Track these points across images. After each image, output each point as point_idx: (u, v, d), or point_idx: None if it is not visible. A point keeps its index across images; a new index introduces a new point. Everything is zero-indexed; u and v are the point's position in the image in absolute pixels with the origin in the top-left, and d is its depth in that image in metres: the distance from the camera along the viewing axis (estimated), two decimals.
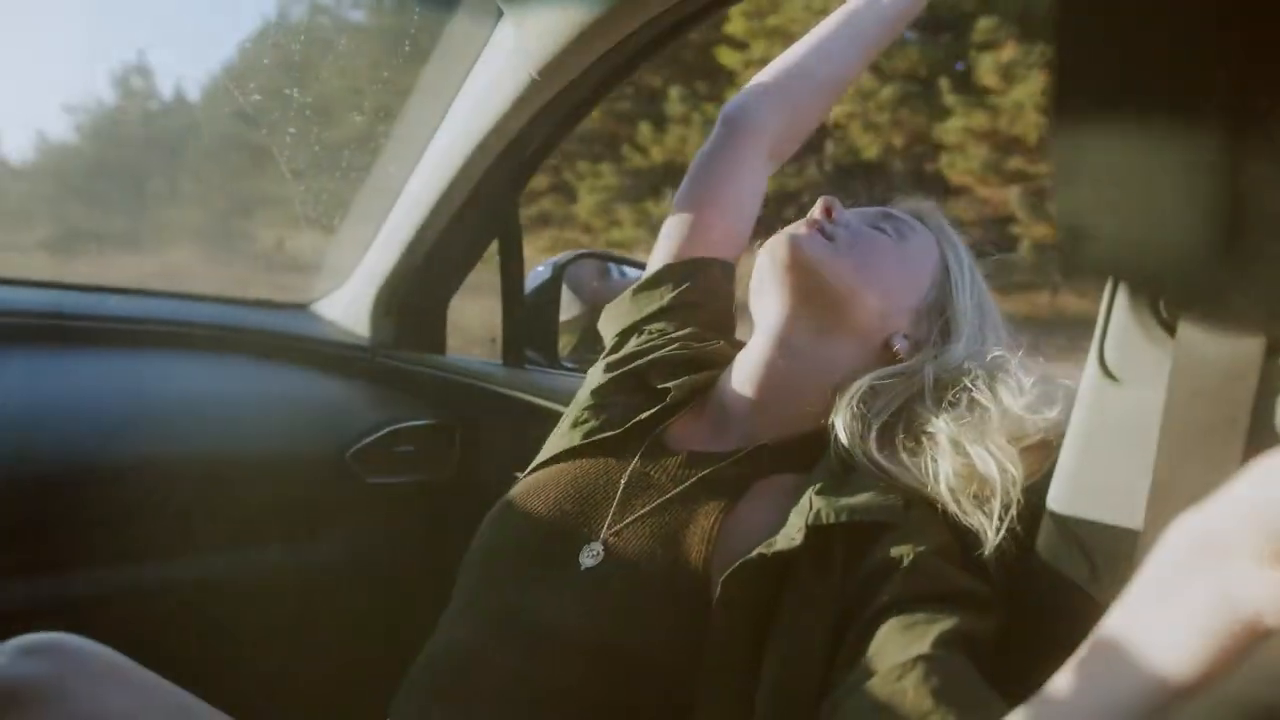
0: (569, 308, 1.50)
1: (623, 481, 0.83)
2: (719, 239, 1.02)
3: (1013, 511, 0.70)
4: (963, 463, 0.73)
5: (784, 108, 1.05)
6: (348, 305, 1.57)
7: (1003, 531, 0.69)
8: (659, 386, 0.91)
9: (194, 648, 1.20)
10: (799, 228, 0.88)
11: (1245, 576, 0.31)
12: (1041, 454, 0.73)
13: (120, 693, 0.81)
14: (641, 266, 1.52)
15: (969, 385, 0.78)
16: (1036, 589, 0.68)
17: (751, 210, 1.04)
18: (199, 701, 0.87)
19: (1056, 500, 0.68)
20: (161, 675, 0.86)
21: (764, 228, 0.98)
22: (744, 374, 0.88)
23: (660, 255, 1.04)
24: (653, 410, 0.89)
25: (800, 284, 0.86)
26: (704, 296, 1.00)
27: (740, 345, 0.93)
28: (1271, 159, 0.19)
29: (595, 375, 0.98)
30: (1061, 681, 0.40)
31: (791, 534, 0.70)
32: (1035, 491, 0.71)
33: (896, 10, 1.06)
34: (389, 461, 1.42)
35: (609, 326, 1.04)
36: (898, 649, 0.61)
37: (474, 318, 1.61)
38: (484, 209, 1.39)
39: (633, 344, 0.98)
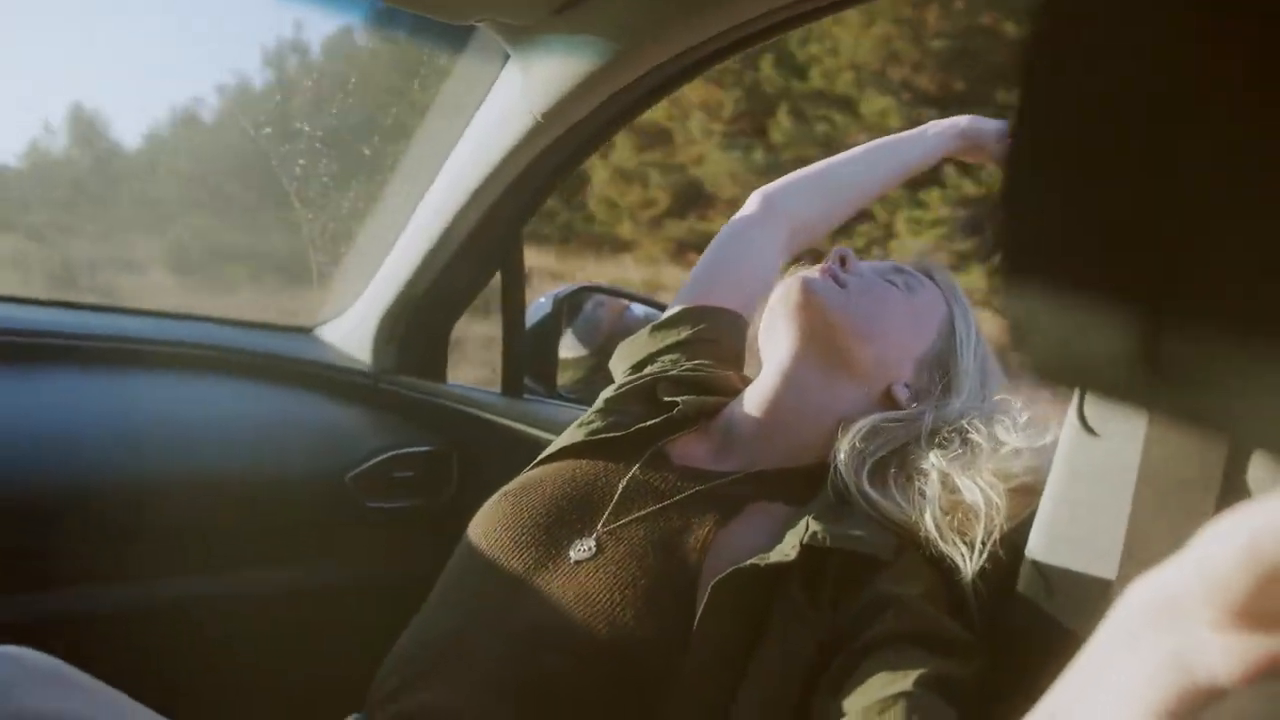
0: (574, 344, 1.52)
1: (621, 485, 0.86)
2: (731, 300, 1.08)
3: (995, 536, 0.72)
4: (949, 497, 0.76)
5: (814, 204, 1.13)
6: (351, 331, 1.59)
7: (983, 559, 0.71)
8: (666, 399, 0.94)
9: (191, 668, 1.21)
10: (813, 272, 0.92)
11: (1199, 639, 0.31)
12: (1025, 497, 0.76)
13: (68, 696, 0.77)
14: (649, 302, 1.55)
15: (963, 427, 0.82)
16: (1015, 635, 0.71)
17: (763, 285, 1.08)
18: (155, 715, 0.83)
19: (1035, 548, 0.71)
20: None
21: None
22: (751, 404, 0.91)
23: (678, 306, 1.09)
24: (657, 420, 0.92)
25: (809, 324, 0.89)
26: (719, 335, 1.04)
27: (748, 381, 0.96)
28: (1201, 280, 0.22)
29: (608, 392, 1.01)
30: None
31: (786, 550, 0.73)
32: (1017, 537, 0.73)
33: (922, 156, 1.16)
34: (388, 486, 1.44)
35: (622, 362, 1.08)
36: (881, 684, 0.63)
37: None
38: (488, 242, 1.41)
39: (647, 371, 1.02)
